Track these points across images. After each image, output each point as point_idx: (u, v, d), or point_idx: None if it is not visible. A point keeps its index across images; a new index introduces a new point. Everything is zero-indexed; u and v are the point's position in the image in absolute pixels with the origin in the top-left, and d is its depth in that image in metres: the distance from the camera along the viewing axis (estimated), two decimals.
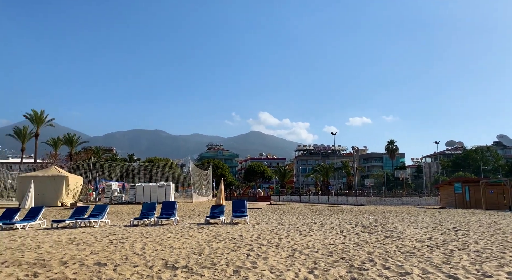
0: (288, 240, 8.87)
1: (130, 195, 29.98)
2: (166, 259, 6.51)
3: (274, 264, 6.19)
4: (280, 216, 17.13)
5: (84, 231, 11.28)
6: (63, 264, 6.12)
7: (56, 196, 26.09)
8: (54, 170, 28.73)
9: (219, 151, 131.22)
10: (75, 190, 28.37)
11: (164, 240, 8.83)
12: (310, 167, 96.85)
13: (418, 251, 7.31)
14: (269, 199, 39.21)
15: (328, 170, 60.03)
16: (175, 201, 16.02)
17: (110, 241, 8.74)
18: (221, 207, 14.95)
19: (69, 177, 27.65)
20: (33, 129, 55.00)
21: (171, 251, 7.36)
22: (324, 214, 18.23)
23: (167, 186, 29.67)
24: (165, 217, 13.55)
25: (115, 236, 9.72)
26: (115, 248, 7.76)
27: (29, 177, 26.16)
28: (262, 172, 74.66)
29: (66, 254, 7.01)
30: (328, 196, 39.86)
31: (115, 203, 28.43)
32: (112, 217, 17.04)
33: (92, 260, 6.39)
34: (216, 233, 10.21)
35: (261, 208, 23.18)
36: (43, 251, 7.32)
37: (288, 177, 71.66)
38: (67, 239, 9.17)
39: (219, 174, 62.14)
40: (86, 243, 8.46)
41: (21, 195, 25.66)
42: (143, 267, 5.95)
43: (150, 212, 14.20)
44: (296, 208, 24.53)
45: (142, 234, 10.10)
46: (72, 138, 60.65)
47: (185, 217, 16.42)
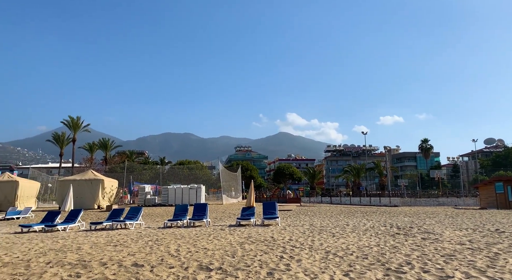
0: (321, 242, 8.75)
1: (162, 197, 30.65)
2: (201, 261, 6.59)
3: (308, 266, 6.12)
4: (311, 217, 16.94)
5: (120, 232, 11.64)
6: (102, 265, 6.33)
7: (93, 199, 27.09)
8: (90, 173, 29.85)
9: (248, 152, 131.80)
10: (111, 192, 29.39)
11: (198, 242, 8.95)
12: (340, 167, 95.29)
13: (459, 254, 7.00)
14: (299, 200, 38.91)
15: (360, 170, 58.82)
16: (207, 203, 16.24)
17: (145, 243, 8.97)
18: (252, 209, 14.98)
19: (105, 180, 28.63)
20: (70, 135, 57.56)
21: (204, 252, 7.45)
22: (356, 216, 17.86)
23: (197, 188, 30.11)
24: (197, 219, 13.75)
25: (150, 238, 9.96)
26: (151, 249, 7.95)
27: (68, 180, 27.32)
28: (291, 173, 74.31)
29: (105, 255, 7.26)
30: (360, 197, 39.02)
31: (149, 205, 29.16)
32: (146, 219, 17.47)
33: (129, 261, 6.58)
34: (248, 235, 10.23)
35: (292, 210, 23.02)
36: (83, 252, 7.61)
37: (318, 178, 70.84)
38: (105, 241, 9.49)
39: (248, 176, 62.44)
40: (123, 245, 8.72)
41: (61, 198, 26.85)
42: (178, 268, 6.06)
43: (183, 214, 14.47)
44: (327, 209, 24.18)
45: (176, 236, 10.29)
46: (107, 143, 62.89)
47: (216, 219, 16.58)
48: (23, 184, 28.34)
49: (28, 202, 28.10)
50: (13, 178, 29.28)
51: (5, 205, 25.54)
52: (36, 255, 7.38)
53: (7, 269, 6.04)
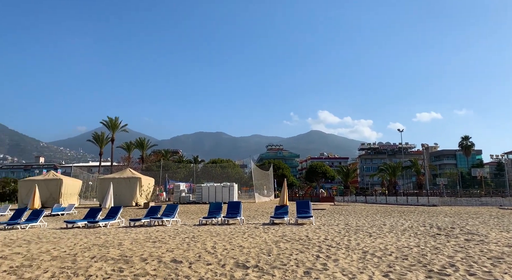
0: (358, 242, 8.57)
1: (196, 195, 31.25)
2: (237, 258, 6.65)
3: (346, 266, 6.02)
4: (346, 217, 16.65)
5: (158, 229, 11.99)
6: (143, 260, 6.55)
7: (131, 196, 28.08)
8: (128, 172, 30.97)
9: (279, 151, 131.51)
10: (148, 190, 30.35)
11: (233, 239, 9.04)
12: (375, 166, 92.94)
13: (507, 257, 6.62)
14: (332, 199, 38.36)
15: (396, 169, 57.01)
16: (240, 201, 16.36)
17: (182, 240, 9.18)
18: (285, 208, 14.93)
19: (142, 179, 29.59)
20: (109, 135, 59.93)
21: (240, 250, 7.51)
22: (393, 215, 17.35)
23: (230, 186, 30.45)
24: (231, 217, 13.90)
25: (187, 235, 10.19)
26: (188, 246, 8.12)
27: (108, 179, 28.48)
28: (324, 172, 73.35)
29: (145, 251, 7.50)
30: (396, 196, 37.84)
31: (183, 202, 29.83)
32: (181, 216, 17.88)
33: (168, 257, 6.76)
34: (282, 233, 10.22)
35: (325, 209, 22.74)
36: (124, 248, 7.91)
37: (352, 176, 69.47)
38: (144, 237, 9.81)
39: (280, 174, 62.30)
40: (161, 241, 8.97)
41: (101, 195, 28.06)
42: (215, 265, 6.15)
43: (217, 211, 14.67)
44: (363, 209, 23.67)
45: (211, 233, 10.46)
46: (143, 142, 64.92)
47: (250, 217, 16.68)
48: (67, 182, 29.89)
49: (71, 199, 29.59)
50: (58, 176, 30.94)
51: (50, 201, 27.04)
52: (81, 249, 7.76)
53: (56, 263, 6.39)
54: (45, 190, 27.70)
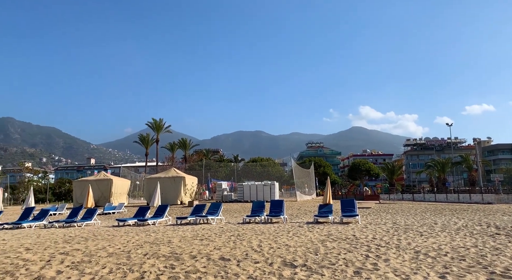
0: (409, 241, 8.24)
1: (238, 193, 31.64)
2: (284, 257, 6.64)
3: (398, 266, 5.81)
4: (393, 215, 16.07)
5: (204, 227, 12.27)
6: (192, 258, 6.72)
7: (176, 195, 29.01)
8: (173, 171, 32.02)
9: (320, 148, 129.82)
10: (192, 189, 31.20)
11: (278, 238, 9.04)
12: (422, 162, 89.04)
13: None
14: (377, 197, 37.24)
15: (445, 165, 54.24)
16: (283, 200, 16.34)
17: (228, 238, 9.32)
18: (329, 206, 14.70)
19: (186, 178, 30.47)
20: (154, 136, 62.32)
21: (286, 249, 7.49)
22: (445, 214, 16.50)
23: (271, 184, 30.51)
24: (275, 215, 13.91)
25: (232, 233, 10.33)
26: (234, 244, 8.23)
27: (154, 178, 29.62)
28: (367, 169, 71.43)
29: (193, 248, 7.70)
30: (446, 194, 35.95)
31: (225, 201, 30.32)
32: (225, 214, 18.17)
33: (216, 255, 6.89)
34: (328, 232, 10.06)
35: (371, 207, 22.11)
36: (174, 246, 8.17)
37: (397, 174, 67.00)
38: (191, 235, 10.07)
39: (321, 172, 61.49)
40: (208, 239, 9.17)
41: (148, 194, 29.24)
42: (263, 263, 6.18)
43: (260, 210, 14.76)
44: (410, 207, 22.75)
45: (256, 232, 10.52)
46: (186, 142, 66.83)
47: (293, 216, 16.60)
48: (116, 182, 31.46)
49: (120, 198, 31.12)
50: (108, 176, 32.66)
51: (102, 201, 28.60)
52: (134, 247, 8.12)
53: (112, 259, 6.73)
54: (97, 189, 29.33)
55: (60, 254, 7.40)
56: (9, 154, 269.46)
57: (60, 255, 7.27)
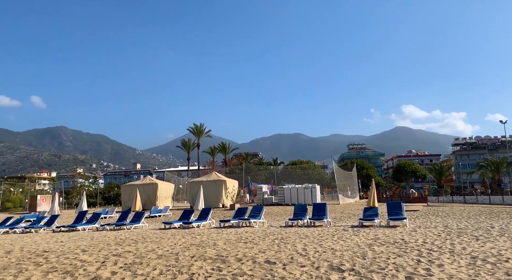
0: (464, 246, 7.77)
1: (279, 196, 31.53)
2: (330, 261, 6.51)
3: (454, 272, 5.50)
4: (443, 218, 15.26)
5: (247, 230, 12.35)
6: (238, 260, 6.78)
7: (217, 198, 29.47)
8: (214, 175, 32.58)
9: (362, 150, 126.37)
10: (233, 192, 31.57)
11: (323, 242, 8.89)
12: (473, 162, 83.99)
13: None
14: (425, 200, 35.57)
15: (499, 165, 50.62)
16: (325, 203, 16.06)
17: (272, 241, 9.31)
18: (374, 209, 14.24)
19: (227, 181, 30.88)
20: (195, 141, 63.88)
21: (332, 253, 7.35)
22: (502, 217, 15.40)
23: (312, 187, 30.10)
24: (317, 219, 13.70)
25: (275, 236, 10.31)
26: (279, 247, 8.20)
27: (197, 182, 30.31)
28: (413, 170, 68.42)
29: (238, 251, 7.77)
30: (502, 196, 33.57)
31: (266, 204, 30.31)
32: (266, 217, 18.18)
33: (262, 258, 6.90)
34: (375, 236, 9.75)
35: (418, 210, 21.15)
36: (219, 248, 8.29)
37: (446, 175, 63.61)
38: (235, 238, 10.18)
39: (364, 175, 59.86)
40: (252, 242, 9.21)
41: (191, 197, 29.96)
42: (309, 267, 6.10)
43: (303, 213, 14.60)
44: (462, 209, 21.48)
45: (299, 235, 10.42)
46: (225, 146, 67.87)
47: (336, 219, 16.27)
48: (161, 186, 32.54)
49: (165, 201, 32.14)
50: (153, 180, 33.86)
51: (148, 204, 29.68)
52: (181, 249, 8.34)
53: (162, 261, 6.96)
54: (144, 193, 30.50)
55: (113, 255, 7.77)
56: (63, 160, 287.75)
57: (113, 256, 7.63)
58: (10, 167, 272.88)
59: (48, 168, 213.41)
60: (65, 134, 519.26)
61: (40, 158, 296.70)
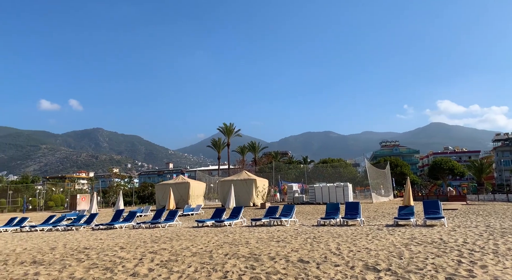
0: (509, 246, 7.37)
1: (309, 195, 31.26)
2: (365, 261, 6.38)
3: (498, 274, 5.23)
4: (485, 218, 14.55)
5: (278, 229, 12.33)
6: (271, 259, 6.79)
7: (248, 197, 29.63)
8: (244, 174, 32.78)
9: (395, 147, 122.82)
10: (263, 191, 31.63)
11: (357, 241, 8.73)
12: None
13: None
14: (464, 198, 34.05)
15: None
16: (359, 202, 15.75)
17: (304, 240, 9.24)
18: (410, 208, 13.79)
19: (257, 180, 30.98)
20: (225, 140, 64.57)
21: (367, 252, 7.19)
22: None
23: (344, 186, 29.61)
24: (350, 218, 13.46)
25: (308, 235, 10.23)
26: (311, 246, 8.13)
27: (228, 181, 30.63)
28: (451, 167, 65.65)
29: (271, 250, 7.78)
30: None
31: (297, 203, 30.12)
32: (298, 216, 18.06)
33: (295, 257, 6.87)
34: (411, 235, 9.45)
35: (457, 209, 20.30)
36: (252, 246, 8.34)
37: (486, 172, 60.55)
38: (267, 236, 10.19)
39: (398, 173, 58.18)
40: (284, 241, 9.19)
41: (222, 196, 30.32)
42: (344, 267, 6.01)
43: (335, 212, 14.39)
44: (505, 208, 20.40)
45: (332, 234, 10.29)
46: (255, 146, 68.11)
47: (369, 218, 15.91)
48: (193, 185, 33.16)
49: (197, 200, 32.72)
50: (186, 179, 34.56)
51: (181, 203, 30.33)
52: (215, 247, 8.47)
53: (196, 258, 7.09)
54: (177, 192, 31.18)
55: (149, 253, 8.01)
56: (100, 161, 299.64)
57: (149, 254, 7.87)
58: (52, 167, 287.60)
59: (86, 168, 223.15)
60: (102, 136, 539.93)
61: (79, 159, 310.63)
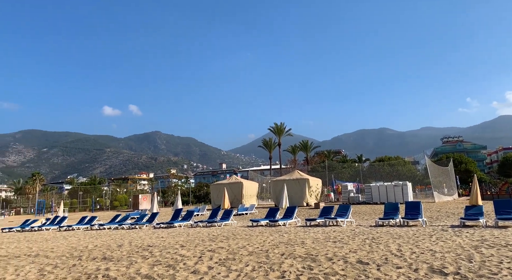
0: None
1: (366, 195, 30.27)
2: (430, 263, 6.04)
3: None
4: None
5: (334, 229, 12.09)
6: (329, 260, 6.68)
7: (301, 197, 29.39)
8: (297, 173, 32.57)
9: (458, 143, 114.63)
10: (317, 191, 31.21)
11: (419, 242, 8.28)
12: None
13: None
14: None
15: None
16: (420, 201, 14.94)
17: (363, 241, 8.96)
18: (479, 208, 12.80)
19: (310, 180, 30.62)
20: (276, 140, 64.73)
21: (432, 254, 6.80)
22: None
23: (403, 185, 28.27)
24: (411, 218, 12.81)
25: (366, 236, 9.90)
26: (370, 247, 7.87)
27: (280, 180, 30.65)
28: None
29: (328, 250, 7.65)
30: None
31: (352, 203, 29.29)
32: (354, 216, 17.56)
33: (353, 258, 6.69)
34: (481, 237, 8.76)
35: None
36: (308, 247, 8.26)
37: None
38: (323, 237, 10.04)
39: (463, 170, 54.34)
40: (341, 241, 8.99)
41: (274, 196, 30.40)
42: (406, 269, 5.73)
43: (394, 212, 13.80)
44: None
45: (392, 235, 9.87)
46: (307, 145, 67.46)
47: (432, 219, 15.03)
48: (246, 185, 33.65)
49: (251, 199, 33.14)
50: (239, 179, 35.18)
51: (235, 202, 30.92)
52: (270, 246, 8.52)
53: (253, 257, 7.19)
54: (231, 192, 31.85)
55: (208, 251, 8.27)
56: (158, 162, 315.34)
57: (208, 252, 8.12)
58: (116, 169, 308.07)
59: (146, 169, 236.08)
60: (160, 139, 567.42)
61: (139, 161, 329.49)
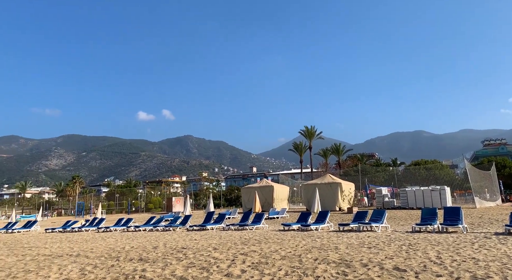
0: None
1: (401, 199, 29.34)
2: (473, 272, 5.75)
3: None
4: None
5: (369, 235, 11.79)
6: (364, 266, 6.52)
7: (333, 201, 28.91)
8: (329, 177, 32.10)
9: (501, 146, 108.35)
10: (349, 195, 30.59)
11: (460, 250, 7.91)
12: None
13: None
14: None
15: None
16: (460, 207, 14.29)
17: (399, 247, 8.68)
18: None
19: (342, 184, 30.08)
20: (306, 143, 64.17)
21: (474, 263, 6.47)
22: None
23: (441, 189, 27.16)
24: (451, 224, 12.26)
25: (402, 242, 9.59)
26: (407, 254, 7.61)
27: (311, 184, 30.32)
28: None
29: (363, 256, 7.46)
30: None
31: (387, 208, 28.44)
32: (389, 221, 17.05)
33: (390, 265, 6.49)
34: None
35: None
36: (342, 252, 8.11)
37: None
38: (357, 242, 9.81)
39: (507, 174, 51.46)
40: (376, 247, 8.75)
41: (306, 200, 30.09)
42: (447, 277, 5.50)
43: (432, 218, 13.26)
44: None
45: (430, 241, 9.49)
46: (339, 148, 66.36)
47: (473, 225, 14.32)
48: (277, 188, 33.56)
49: (282, 203, 32.99)
50: (270, 183, 35.18)
51: (266, 206, 30.89)
52: (303, 251, 8.43)
53: (286, 262, 7.14)
54: (261, 195, 31.88)
55: (240, 254, 8.31)
56: (190, 166, 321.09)
57: (241, 255, 8.16)
58: (150, 172, 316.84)
59: (179, 172, 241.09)
60: (191, 142, 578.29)
61: (172, 164, 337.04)
